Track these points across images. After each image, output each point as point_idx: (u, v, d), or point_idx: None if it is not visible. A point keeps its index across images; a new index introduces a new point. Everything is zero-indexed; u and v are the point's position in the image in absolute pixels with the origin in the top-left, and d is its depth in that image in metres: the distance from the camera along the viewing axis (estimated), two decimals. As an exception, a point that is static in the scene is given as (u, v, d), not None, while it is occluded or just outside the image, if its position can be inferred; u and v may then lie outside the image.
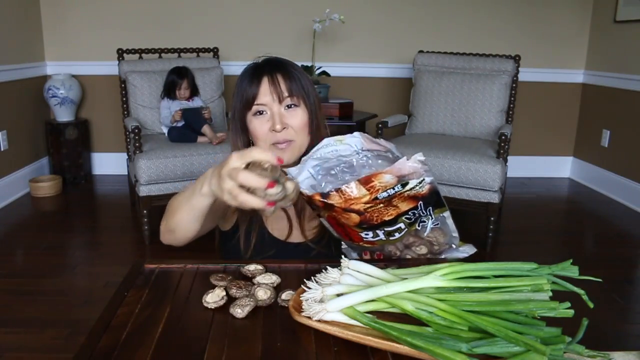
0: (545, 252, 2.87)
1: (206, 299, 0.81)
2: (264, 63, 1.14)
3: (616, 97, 3.71)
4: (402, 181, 0.81)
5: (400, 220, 0.86)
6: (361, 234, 0.88)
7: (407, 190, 0.82)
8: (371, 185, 0.80)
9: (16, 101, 3.54)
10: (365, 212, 0.82)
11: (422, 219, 0.90)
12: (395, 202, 0.83)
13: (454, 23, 3.96)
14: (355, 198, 0.81)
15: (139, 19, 3.85)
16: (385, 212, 0.83)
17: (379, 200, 0.81)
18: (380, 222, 0.84)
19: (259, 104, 1.10)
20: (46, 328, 1.98)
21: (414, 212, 0.86)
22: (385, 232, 0.87)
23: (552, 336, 0.68)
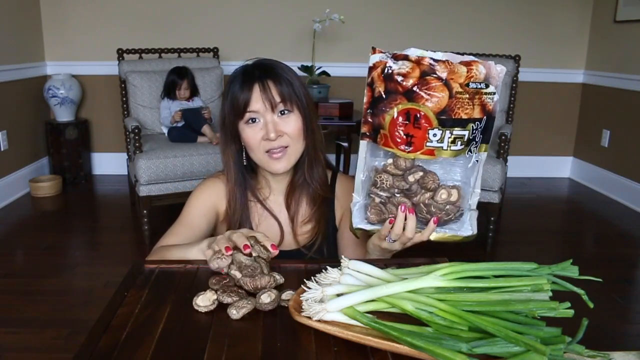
0: (545, 252, 2.87)
1: (197, 301, 0.79)
2: (253, 68, 1.10)
3: (616, 97, 3.71)
4: (486, 80, 0.84)
5: (468, 126, 0.84)
6: (429, 134, 0.84)
7: (485, 92, 0.84)
8: (470, 68, 0.83)
9: (16, 101, 3.54)
10: (454, 97, 0.83)
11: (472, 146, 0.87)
12: (475, 102, 0.84)
13: (454, 23, 3.96)
14: (456, 74, 0.82)
15: (139, 19, 3.85)
16: (466, 107, 0.83)
17: (468, 89, 0.83)
18: (457, 118, 0.83)
19: (251, 112, 1.08)
20: (46, 328, 1.98)
21: (478, 125, 0.85)
22: (451, 137, 0.84)
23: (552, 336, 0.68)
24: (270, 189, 1.20)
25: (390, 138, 0.86)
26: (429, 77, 0.83)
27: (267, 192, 1.21)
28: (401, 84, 0.84)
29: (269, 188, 1.20)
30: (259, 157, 1.11)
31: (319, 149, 1.17)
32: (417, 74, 0.84)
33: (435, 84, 0.83)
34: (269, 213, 1.19)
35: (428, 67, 0.83)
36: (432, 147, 0.85)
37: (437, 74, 0.83)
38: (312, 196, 1.19)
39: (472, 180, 0.91)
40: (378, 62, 0.87)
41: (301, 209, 1.20)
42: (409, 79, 0.84)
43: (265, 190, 1.21)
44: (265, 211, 1.19)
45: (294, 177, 1.19)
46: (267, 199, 1.20)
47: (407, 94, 0.84)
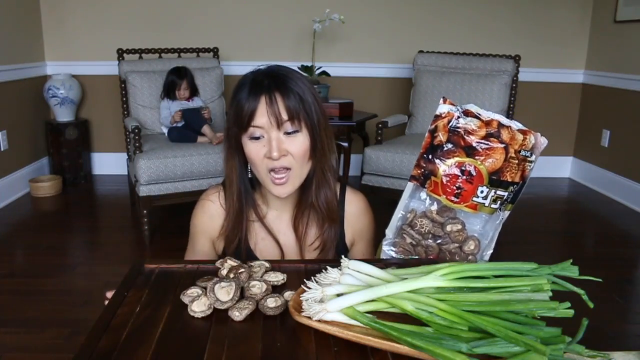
0: (545, 252, 2.87)
1: (192, 307, 0.79)
2: (263, 76, 1.00)
3: (616, 97, 3.71)
4: (532, 149, 0.91)
5: (509, 188, 0.90)
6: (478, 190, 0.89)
7: (529, 160, 0.90)
8: (525, 137, 0.90)
9: (16, 101, 3.54)
10: (508, 160, 0.89)
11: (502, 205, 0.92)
12: (520, 167, 0.90)
13: (454, 23, 3.96)
14: (514, 140, 0.89)
15: (139, 19, 3.85)
16: (514, 172, 0.89)
17: (519, 156, 0.90)
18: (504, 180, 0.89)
19: (255, 127, 0.99)
20: (46, 328, 1.98)
21: (516, 188, 0.91)
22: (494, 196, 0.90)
23: (552, 336, 0.68)
24: (269, 205, 1.14)
25: (441, 186, 0.91)
26: (492, 138, 0.89)
27: (265, 209, 1.14)
28: (464, 139, 0.90)
29: (268, 204, 1.14)
30: (262, 175, 1.03)
31: (328, 169, 1.09)
32: (483, 134, 0.89)
33: (496, 146, 0.89)
34: (268, 232, 1.12)
35: (495, 130, 0.89)
36: (477, 202, 0.90)
37: (501, 137, 0.89)
38: (321, 217, 1.12)
39: (490, 234, 0.96)
40: (446, 113, 0.92)
41: (310, 232, 1.13)
42: (474, 135, 0.90)
43: (264, 207, 1.14)
44: (263, 230, 1.13)
45: (300, 199, 1.11)
46: (265, 216, 1.13)
47: (467, 149, 0.89)
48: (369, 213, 1.19)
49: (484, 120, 0.89)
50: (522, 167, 0.90)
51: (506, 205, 0.94)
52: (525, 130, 0.91)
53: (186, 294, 0.82)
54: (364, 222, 1.18)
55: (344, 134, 3.15)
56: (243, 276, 0.86)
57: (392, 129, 3.30)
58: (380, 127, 3.04)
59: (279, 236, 1.13)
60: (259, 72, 1.03)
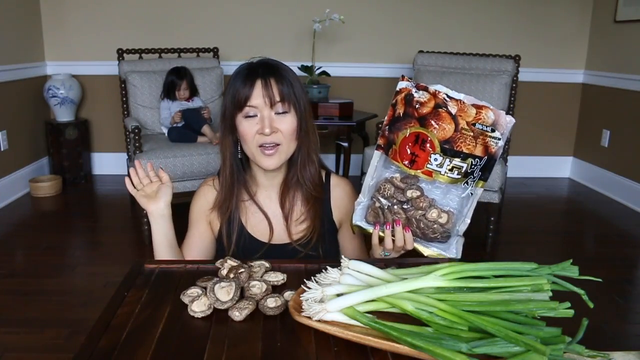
0: (545, 252, 2.87)
1: (192, 307, 0.79)
2: (258, 65, 1.14)
3: (616, 97, 3.71)
4: (493, 126, 0.95)
5: (467, 160, 0.96)
6: (431, 157, 0.96)
7: (490, 136, 0.95)
8: (479, 111, 0.95)
9: (16, 101, 3.54)
10: (459, 131, 0.95)
11: (470, 179, 0.98)
12: (478, 141, 0.96)
13: (454, 23, 3.96)
14: (465, 113, 0.95)
15: (139, 19, 3.85)
16: (469, 143, 0.95)
17: (474, 129, 0.95)
18: (458, 150, 0.95)
19: (250, 106, 1.11)
20: (46, 328, 1.98)
21: (477, 162, 0.96)
22: (450, 165, 0.96)
23: (552, 336, 0.68)
24: (259, 184, 1.24)
25: (399, 154, 0.99)
26: (441, 109, 0.96)
27: (255, 187, 1.24)
28: (417, 110, 0.98)
29: (258, 184, 1.24)
30: (252, 150, 1.14)
31: (312, 150, 1.20)
32: (432, 105, 0.97)
33: (444, 116, 0.96)
34: (258, 208, 1.23)
35: (442, 101, 0.96)
36: (431, 169, 0.97)
37: (448, 108, 0.96)
38: (306, 196, 1.22)
39: (464, 210, 1.02)
40: (403, 88, 1.00)
41: (296, 208, 1.23)
42: (424, 107, 0.97)
43: (254, 185, 1.24)
44: (253, 206, 1.23)
45: (287, 176, 1.22)
46: (255, 194, 1.24)
47: (420, 120, 0.97)
48: (354, 195, 1.28)
49: (431, 92, 0.97)
50: (484, 142, 0.96)
51: (476, 181, 0.99)
52: (481, 105, 0.96)
53: (186, 294, 0.82)
54: (350, 203, 1.26)
55: (344, 134, 3.15)
56: (243, 276, 0.86)
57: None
58: (380, 127, 3.04)
59: (268, 212, 1.23)
60: (252, 63, 1.16)
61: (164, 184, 1.19)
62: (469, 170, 0.97)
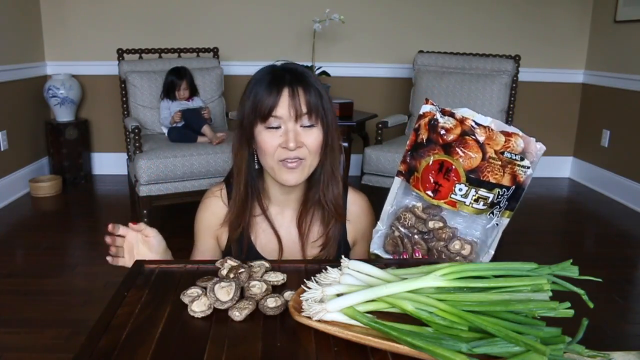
0: (545, 252, 2.87)
1: (192, 307, 0.79)
2: (284, 71, 1.04)
3: (616, 97, 3.71)
4: (521, 154, 0.91)
5: (494, 190, 0.90)
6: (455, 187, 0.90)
7: (518, 165, 0.90)
8: (508, 139, 0.90)
9: (16, 101, 3.54)
10: (487, 160, 0.89)
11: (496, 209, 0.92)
12: (506, 170, 0.90)
13: (454, 23, 3.96)
14: (494, 141, 0.90)
15: (139, 19, 3.85)
16: (496, 172, 0.90)
17: (502, 157, 0.90)
18: (485, 180, 0.89)
19: (274, 117, 1.01)
20: (46, 328, 1.98)
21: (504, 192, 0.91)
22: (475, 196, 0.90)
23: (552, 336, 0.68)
24: (272, 199, 1.15)
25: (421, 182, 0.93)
26: (467, 137, 0.90)
27: (267, 202, 1.15)
28: (442, 137, 0.92)
29: (270, 198, 1.15)
30: (271, 164, 1.04)
31: (336, 168, 1.11)
32: (458, 132, 0.91)
33: (471, 144, 0.90)
34: (270, 225, 1.14)
35: (469, 129, 0.91)
36: (456, 199, 0.92)
37: (475, 136, 0.90)
38: (326, 217, 1.13)
39: (488, 241, 0.97)
40: (427, 112, 0.94)
41: (313, 228, 1.14)
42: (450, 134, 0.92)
43: (266, 200, 1.15)
44: (265, 222, 1.14)
45: (307, 195, 1.13)
46: (267, 209, 1.15)
47: (445, 147, 0.91)
48: (370, 213, 1.21)
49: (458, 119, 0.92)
50: (512, 171, 0.91)
51: (502, 211, 0.94)
52: (511, 132, 0.91)
53: (186, 294, 0.82)
54: (366, 222, 1.20)
55: (344, 134, 3.15)
56: (243, 276, 0.86)
57: (392, 129, 3.30)
58: (380, 127, 3.04)
59: (279, 231, 1.14)
60: (277, 67, 1.06)
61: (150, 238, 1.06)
62: (495, 200, 0.92)
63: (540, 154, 0.92)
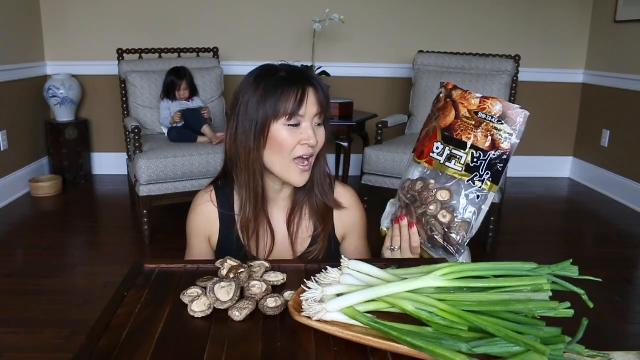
0: (545, 252, 2.87)
1: (192, 307, 0.79)
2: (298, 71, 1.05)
3: (616, 97, 3.71)
4: (501, 119, 0.91)
5: (469, 152, 0.91)
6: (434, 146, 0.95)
7: (497, 128, 0.91)
8: (484, 101, 0.93)
9: (16, 101, 3.54)
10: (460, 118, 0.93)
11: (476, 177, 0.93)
12: (481, 131, 0.92)
13: (454, 23, 3.96)
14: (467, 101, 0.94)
15: (139, 19, 3.85)
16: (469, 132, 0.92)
17: (476, 117, 0.93)
18: (457, 138, 0.92)
19: (299, 116, 1.01)
20: (46, 328, 1.98)
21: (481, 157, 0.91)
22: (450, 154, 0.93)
23: (552, 336, 0.68)
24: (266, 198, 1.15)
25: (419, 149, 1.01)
26: (448, 99, 0.97)
27: None
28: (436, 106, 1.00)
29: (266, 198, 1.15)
30: (285, 162, 1.03)
31: (326, 164, 1.14)
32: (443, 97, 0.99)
33: (446, 103, 0.96)
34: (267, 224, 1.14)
35: (449, 92, 0.97)
36: (433, 157, 0.96)
37: (451, 97, 0.96)
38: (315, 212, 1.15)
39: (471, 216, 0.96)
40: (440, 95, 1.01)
41: (303, 225, 1.16)
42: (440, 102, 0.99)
43: None
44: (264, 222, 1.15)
45: (297, 192, 1.14)
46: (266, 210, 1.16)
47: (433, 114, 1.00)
48: (359, 207, 1.21)
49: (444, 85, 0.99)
50: (490, 134, 0.91)
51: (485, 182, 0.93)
52: (489, 97, 0.94)
53: (186, 294, 0.82)
54: (355, 215, 1.20)
55: (344, 134, 3.15)
56: (243, 276, 0.86)
57: (392, 129, 3.30)
58: (380, 127, 3.04)
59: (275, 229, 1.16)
60: (284, 66, 1.07)
61: None
62: (471, 163, 0.92)
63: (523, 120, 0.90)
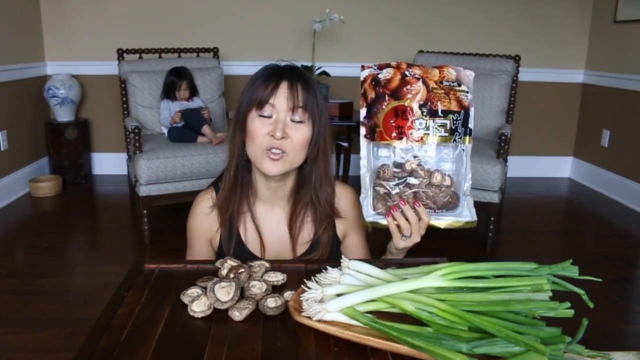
0: (545, 252, 2.87)
1: (192, 307, 0.79)
2: (286, 68, 1.10)
3: (616, 97, 3.71)
4: (458, 81, 1.00)
5: (448, 117, 0.99)
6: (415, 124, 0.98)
7: (458, 90, 1.00)
8: (441, 70, 1.01)
9: (16, 101, 3.54)
10: (431, 91, 0.99)
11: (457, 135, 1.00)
12: (450, 97, 1.00)
13: (454, 23, 3.96)
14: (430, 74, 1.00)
15: (139, 19, 3.86)
16: (443, 100, 0.99)
17: (442, 86, 0.99)
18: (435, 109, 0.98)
19: (270, 104, 1.06)
20: (46, 328, 1.98)
21: (457, 117, 0.99)
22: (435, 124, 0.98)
23: (552, 336, 0.68)
24: (259, 195, 1.17)
25: (385, 132, 1.00)
26: (408, 77, 1.00)
27: (254, 199, 1.17)
28: (387, 87, 1.00)
29: (257, 195, 1.17)
30: (257, 152, 1.07)
31: (329, 170, 1.14)
32: (399, 77, 1.00)
33: (413, 82, 0.99)
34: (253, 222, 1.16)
35: (406, 70, 1.00)
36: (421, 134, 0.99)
37: (414, 74, 1.00)
38: (318, 218, 1.16)
39: (462, 170, 1.02)
40: (367, 75, 1.02)
41: (305, 229, 1.17)
42: (392, 82, 1.00)
43: (253, 196, 1.17)
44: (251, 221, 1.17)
45: (298, 195, 1.16)
46: (254, 206, 1.17)
47: (393, 94, 1.00)
48: (358, 205, 1.21)
49: (394, 67, 1.01)
50: (456, 97, 1.00)
51: (462, 138, 1.01)
52: (440, 66, 1.02)
53: (186, 294, 0.82)
54: (355, 214, 1.21)
55: (344, 134, 3.15)
56: (243, 276, 0.86)
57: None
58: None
59: (264, 229, 1.17)
60: (279, 65, 1.12)
61: None
62: (452, 126, 0.99)
63: (471, 79, 1.03)
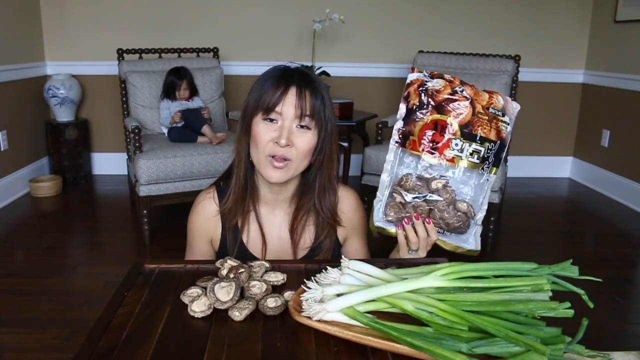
0: (545, 252, 2.87)
1: (192, 307, 0.79)
2: (295, 72, 1.07)
3: (616, 97, 3.71)
4: (502, 110, 0.99)
5: (485, 144, 0.97)
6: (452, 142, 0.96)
7: (501, 119, 0.98)
8: (491, 96, 0.99)
9: (16, 101, 3.54)
10: (476, 115, 0.97)
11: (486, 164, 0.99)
12: (492, 125, 0.98)
13: (454, 23, 3.96)
14: (480, 97, 0.98)
15: (139, 19, 3.86)
16: (485, 126, 0.97)
17: (488, 112, 0.98)
18: (475, 134, 0.97)
19: (277, 112, 1.04)
20: (46, 328, 1.98)
21: (492, 147, 0.98)
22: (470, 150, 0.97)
23: (552, 336, 0.68)
24: (260, 198, 1.16)
25: (418, 143, 0.98)
26: (457, 95, 0.97)
27: (257, 201, 1.17)
28: (433, 98, 0.98)
29: (259, 197, 1.16)
30: (260, 157, 1.06)
31: (334, 177, 1.13)
32: (449, 91, 0.98)
33: (461, 101, 0.97)
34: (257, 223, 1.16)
35: (458, 87, 0.98)
36: (453, 155, 0.97)
37: (464, 93, 0.97)
38: (320, 224, 1.15)
39: (480, 199, 1.00)
40: (415, 80, 1.01)
41: (306, 234, 1.16)
42: (440, 94, 0.98)
43: (255, 198, 1.16)
44: (254, 221, 1.16)
45: (301, 201, 1.15)
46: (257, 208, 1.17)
47: (437, 107, 0.97)
48: (360, 209, 1.22)
49: (447, 80, 0.99)
50: (496, 126, 0.98)
51: (490, 168, 0.99)
52: (491, 91, 1.00)
53: (186, 294, 0.82)
54: (357, 217, 1.20)
55: (344, 134, 3.15)
56: (243, 276, 0.86)
57: (392, 128, 3.29)
58: (380, 127, 3.04)
59: (265, 230, 1.16)
60: (288, 68, 1.09)
61: None
62: (485, 155, 0.97)
63: (516, 112, 1.01)
